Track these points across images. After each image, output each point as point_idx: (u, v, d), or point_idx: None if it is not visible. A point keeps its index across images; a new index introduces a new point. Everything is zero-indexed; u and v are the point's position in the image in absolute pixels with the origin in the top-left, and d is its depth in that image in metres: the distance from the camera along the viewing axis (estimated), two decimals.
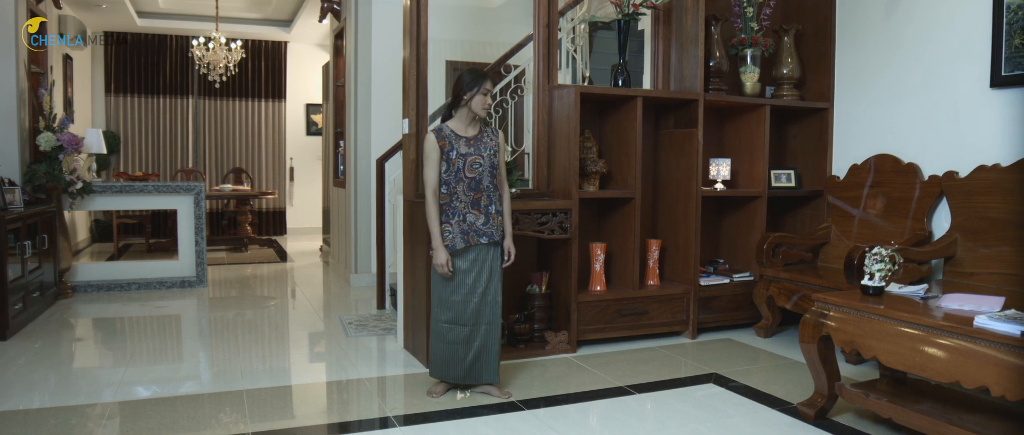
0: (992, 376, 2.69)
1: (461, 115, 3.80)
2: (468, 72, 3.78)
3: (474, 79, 3.73)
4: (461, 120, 3.80)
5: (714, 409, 3.68)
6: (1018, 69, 4.18)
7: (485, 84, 3.73)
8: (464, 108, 3.77)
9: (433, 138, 3.72)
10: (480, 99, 3.74)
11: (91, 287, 6.75)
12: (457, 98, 3.77)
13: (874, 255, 3.42)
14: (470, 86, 3.72)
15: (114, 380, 4.08)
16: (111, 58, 11.14)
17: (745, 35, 5.27)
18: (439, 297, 3.83)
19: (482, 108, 3.77)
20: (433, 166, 3.72)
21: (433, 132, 3.75)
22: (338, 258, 8.13)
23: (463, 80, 3.75)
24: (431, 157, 3.72)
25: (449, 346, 3.81)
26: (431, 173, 3.72)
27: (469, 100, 3.73)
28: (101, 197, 6.83)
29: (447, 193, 3.74)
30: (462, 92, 3.73)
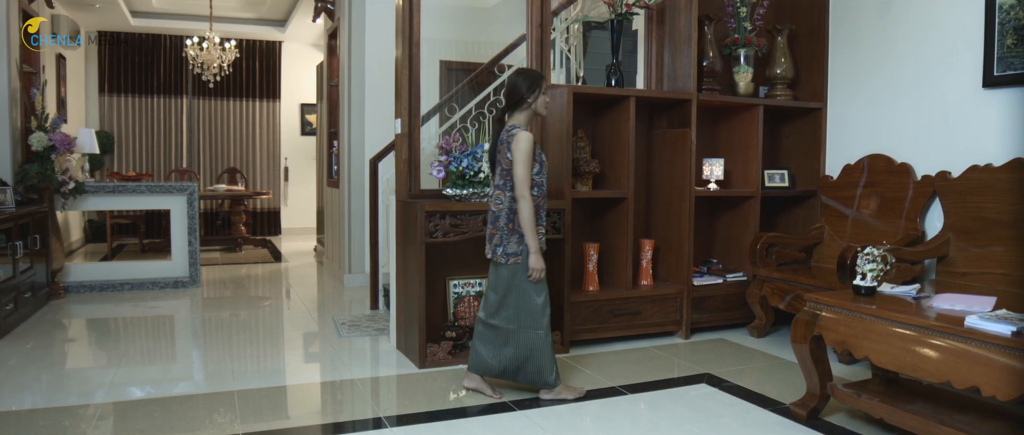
0: (983, 376, 2.69)
1: (524, 117, 3.74)
2: (522, 74, 3.75)
3: (535, 80, 3.71)
4: (526, 121, 3.75)
5: (706, 409, 3.68)
6: (1010, 69, 4.18)
7: (544, 83, 3.75)
8: (528, 110, 3.73)
9: (531, 137, 3.62)
10: (543, 99, 3.75)
11: (84, 287, 6.73)
12: (520, 100, 3.70)
13: (866, 255, 3.42)
14: (533, 87, 3.69)
15: (106, 381, 4.07)
16: (105, 58, 11.11)
17: (738, 35, 5.28)
18: (539, 306, 3.73)
19: (544, 107, 3.78)
20: (530, 166, 3.60)
21: (527, 131, 3.65)
22: (332, 258, 8.12)
23: (523, 82, 3.69)
24: (531, 154, 3.60)
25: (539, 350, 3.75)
26: (529, 173, 3.60)
27: (534, 101, 3.71)
28: (94, 197, 6.81)
29: (539, 195, 3.70)
30: (526, 94, 3.68)
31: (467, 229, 4.33)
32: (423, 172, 4.65)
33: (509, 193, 3.66)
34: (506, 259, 3.68)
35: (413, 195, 4.57)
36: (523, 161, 3.56)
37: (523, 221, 3.61)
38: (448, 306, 4.69)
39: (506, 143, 3.66)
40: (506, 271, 3.71)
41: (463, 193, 4.37)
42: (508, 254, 3.68)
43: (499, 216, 3.71)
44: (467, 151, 4.37)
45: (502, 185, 3.70)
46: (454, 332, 4.45)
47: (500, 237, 3.71)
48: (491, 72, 5.99)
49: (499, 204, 3.71)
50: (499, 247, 3.71)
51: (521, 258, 3.67)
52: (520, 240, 3.66)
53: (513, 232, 3.67)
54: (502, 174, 3.70)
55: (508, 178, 3.66)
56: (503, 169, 3.69)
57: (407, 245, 4.49)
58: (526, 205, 3.58)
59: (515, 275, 3.70)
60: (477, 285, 4.75)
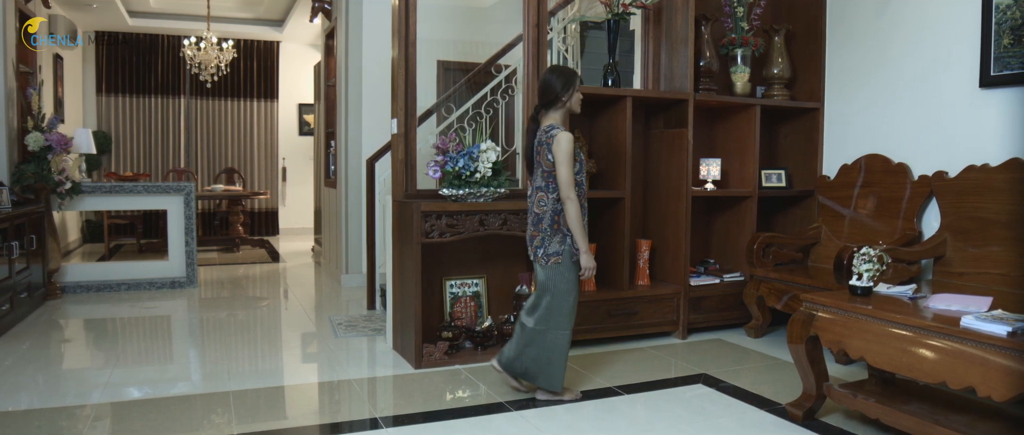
0: (978, 376, 2.69)
1: (560, 115, 3.73)
2: (555, 72, 3.73)
3: (569, 77, 3.69)
4: (561, 120, 3.75)
5: (702, 410, 3.67)
6: (1007, 69, 4.18)
7: (578, 80, 3.73)
8: (562, 108, 3.72)
9: (571, 137, 3.59)
10: (577, 96, 3.74)
11: (80, 288, 6.72)
12: (555, 98, 3.68)
13: (862, 255, 3.42)
14: (567, 85, 3.68)
15: (102, 381, 4.06)
16: (102, 58, 11.10)
17: (735, 35, 5.27)
18: (570, 307, 3.69)
19: (579, 105, 3.77)
20: (573, 166, 3.58)
21: (567, 130, 3.63)
22: (329, 258, 8.11)
23: (557, 80, 3.68)
24: (573, 155, 3.58)
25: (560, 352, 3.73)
26: (572, 173, 3.57)
27: (569, 99, 3.70)
28: (90, 197, 6.81)
29: (581, 195, 3.66)
30: (561, 93, 3.67)
31: (463, 229, 4.33)
32: (420, 172, 4.64)
33: (553, 194, 3.62)
34: (547, 260, 3.65)
35: (409, 195, 4.56)
36: (566, 162, 3.54)
37: (570, 221, 3.58)
38: (444, 306, 4.68)
39: (546, 144, 3.62)
40: (546, 271, 3.68)
41: (459, 193, 4.36)
42: (549, 254, 3.64)
43: (542, 217, 3.66)
44: (463, 151, 4.36)
45: (544, 187, 3.66)
46: (450, 333, 4.45)
47: (542, 238, 3.66)
48: (488, 72, 5.98)
49: (542, 205, 3.67)
50: (540, 248, 3.67)
51: (562, 258, 3.62)
52: (562, 240, 3.62)
53: (557, 233, 3.63)
54: (543, 175, 3.66)
55: (550, 179, 3.62)
56: (544, 170, 3.65)
57: (403, 245, 4.48)
58: (573, 206, 3.56)
59: (553, 275, 3.66)
60: (473, 285, 4.75)
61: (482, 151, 4.35)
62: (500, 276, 4.84)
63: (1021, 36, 4.11)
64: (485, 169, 4.34)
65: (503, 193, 4.51)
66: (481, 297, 4.78)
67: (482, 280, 4.79)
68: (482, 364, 4.41)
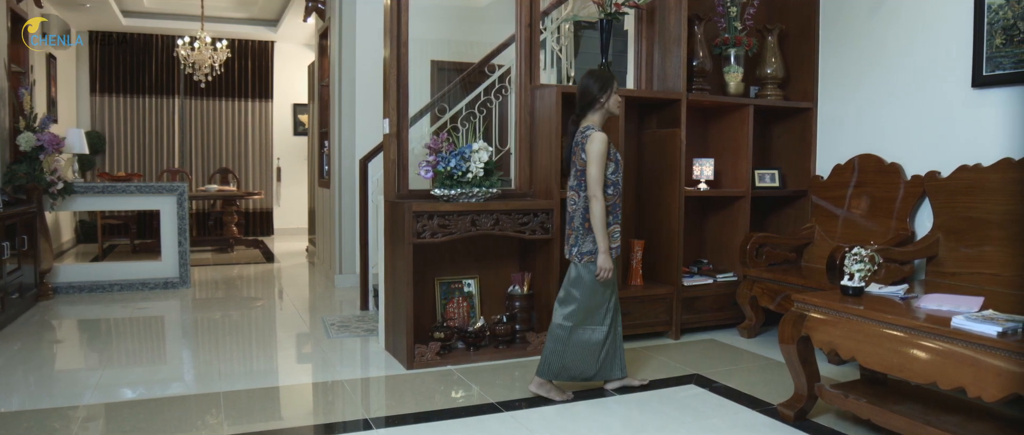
0: (968, 377, 2.68)
1: (598, 117, 3.78)
2: (592, 76, 3.79)
3: (606, 80, 3.75)
4: (599, 122, 3.79)
5: (694, 410, 3.67)
6: (999, 69, 4.18)
7: (615, 83, 3.79)
8: (601, 110, 3.77)
9: (606, 137, 3.66)
10: (616, 98, 3.79)
11: (73, 288, 6.70)
12: (592, 101, 3.75)
13: (853, 255, 3.42)
14: (605, 88, 3.74)
15: (95, 382, 4.04)
16: (96, 57, 11.07)
17: (729, 35, 5.27)
18: (590, 306, 3.75)
19: (617, 106, 3.82)
20: (603, 165, 3.65)
21: (601, 131, 3.69)
22: (323, 259, 8.10)
23: (594, 84, 3.74)
24: (605, 155, 3.64)
25: (586, 348, 3.79)
26: (602, 173, 3.64)
27: (606, 101, 3.75)
28: (83, 198, 6.78)
29: (615, 194, 3.74)
30: (598, 95, 3.74)
31: (455, 229, 4.32)
32: (412, 172, 4.63)
33: (584, 193, 3.70)
34: (581, 258, 3.72)
35: (401, 195, 4.55)
36: (596, 161, 3.61)
37: (593, 220, 3.64)
38: (437, 307, 4.67)
39: (581, 144, 3.70)
40: (578, 270, 3.75)
41: (451, 193, 4.35)
42: (583, 253, 3.72)
43: (574, 216, 3.76)
44: (455, 151, 4.35)
45: (576, 186, 3.74)
46: (442, 333, 4.43)
47: (576, 237, 3.75)
48: (482, 72, 5.97)
49: (574, 204, 3.76)
50: (574, 247, 3.75)
51: (594, 257, 3.69)
52: (612, 235, 3.72)
53: (589, 231, 3.70)
54: (577, 175, 3.74)
55: (583, 178, 3.70)
56: (578, 170, 3.73)
57: (395, 246, 4.47)
58: (597, 205, 3.62)
59: (587, 274, 3.72)
60: (466, 286, 4.74)
61: (474, 151, 4.34)
62: (493, 276, 4.83)
63: (1013, 36, 4.11)
64: (477, 169, 4.33)
65: (495, 193, 4.50)
66: (474, 297, 4.77)
67: (475, 280, 4.78)
68: (474, 365, 4.40)
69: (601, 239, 3.64)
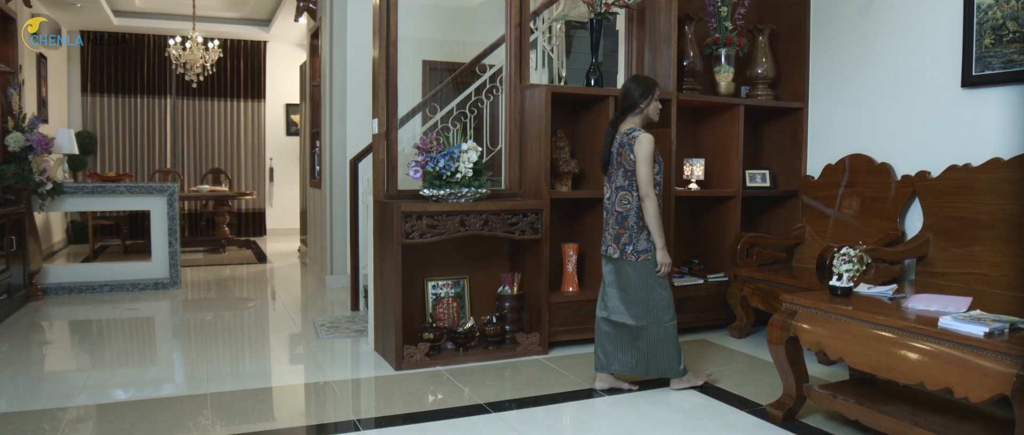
0: (955, 377, 2.67)
1: (638, 121, 3.87)
2: (635, 80, 3.88)
3: (648, 86, 3.85)
4: (639, 126, 3.86)
5: (683, 411, 3.65)
6: (988, 69, 4.18)
7: (657, 90, 3.89)
8: (640, 114, 3.86)
9: (652, 138, 3.76)
10: (655, 104, 3.88)
11: (62, 289, 6.66)
12: (633, 105, 3.84)
13: (842, 255, 3.41)
14: (646, 94, 3.84)
15: (84, 384, 4.01)
16: (87, 57, 11.02)
17: (719, 35, 5.26)
18: (666, 299, 3.85)
19: (656, 113, 3.91)
20: (652, 165, 3.75)
21: (646, 131, 3.80)
22: (314, 259, 8.07)
23: (636, 88, 3.83)
24: (653, 155, 3.75)
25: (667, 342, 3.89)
26: (652, 173, 3.74)
27: (646, 107, 3.85)
28: (72, 198, 6.75)
29: (660, 195, 3.83)
30: (639, 100, 3.83)
31: (444, 230, 4.30)
32: (401, 173, 4.61)
33: (635, 193, 3.79)
34: (636, 257, 3.80)
35: (390, 196, 4.53)
36: (646, 162, 3.72)
37: (649, 219, 3.74)
38: (427, 308, 4.66)
39: (628, 146, 3.79)
40: (634, 268, 3.83)
41: (440, 193, 4.33)
42: (638, 251, 3.80)
43: (627, 216, 3.82)
44: (444, 151, 4.33)
45: (626, 186, 3.82)
46: (432, 334, 4.41)
47: (629, 236, 3.81)
48: (473, 72, 5.95)
49: (626, 204, 3.82)
50: (628, 246, 3.82)
51: (651, 254, 3.79)
52: (648, 237, 3.78)
53: (643, 230, 3.79)
54: (625, 175, 3.81)
55: (633, 178, 3.78)
56: (626, 170, 3.80)
57: (384, 246, 4.45)
58: (652, 204, 3.73)
59: (644, 271, 3.81)
60: (456, 286, 4.73)
61: (463, 151, 4.32)
62: (482, 276, 4.82)
63: (1002, 36, 4.11)
64: (466, 169, 4.31)
65: (485, 193, 4.48)
66: (463, 298, 4.76)
67: (464, 281, 4.77)
68: (464, 365, 4.38)
69: (658, 236, 3.76)
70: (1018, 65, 4.04)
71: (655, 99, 3.86)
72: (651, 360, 3.88)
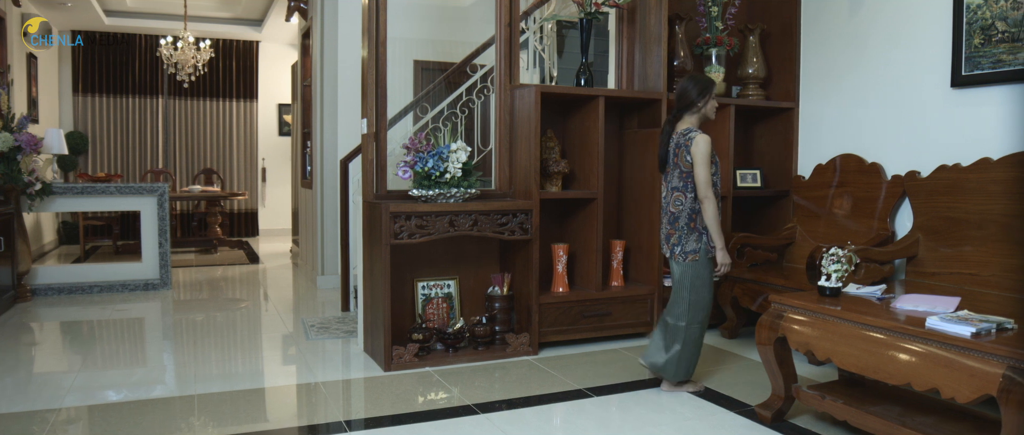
0: (942, 378, 2.67)
1: (694, 120, 3.88)
2: (692, 80, 3.88)
3: (705, 86, 3.85)
4: (696, 125, 3.88)
5: (672, 412, 3.64)
6: (977, 69, 4.18)
7: (714, 88, 3.88)
8: (697, 114, 3.87)
9: (709, 139, 3.77)
10: (712, 104, 3.89)
11: (52, 290, 6.63)
12: (690, 104, 3.85)
13: (830, 256, 3.40)
14: (703, 93, 3.84)
15: (72, 385, 3.99)
16: (79, 57, 10.97)
17: (710, 34, 5.25)
18: (705, 300, 3.86)
19: (713, 112, 3.93)
20: (710, 166, 3.75)
21: (703, 132, 3.79)
22: (306, 260, 8.05)
23: (693, 88, 3.83)
24: (710, 157, 3.75)
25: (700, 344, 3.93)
26: (709, 174, 3.75)
27: (703, 106, 3.85)
28: (62, 199, 6.71)
29: (716, 195, 3.80)
30: (696, 99, 3.84)
31: (433, 230, 4.28)
32: (391, 173, 4.60)
33: (690, 194, 3.79)
34: (685, 257, 3.81)
35: (379, 196, 4.51)
36: (703, 163, 3.72)
37: (708, 219, 3.75)
38: (416, 308, 4.64)
39: (685, 146, 3.78)
40: (681, 268, 3.84)
41: (429, 194, 4.32)
42: (687, 252, 3.81)
43: (678, 217, 3.84)
44: (433, 151, 4.32)
45: (681, 187, 3.82)
46: (421, 334, 4.39)
47: (679, 236, 3.83)
48: (464, 71, 5.94)
49: (679, 205, 3.84)
50: (677, 246, 3.84)
51: (699, 255, 3.79)
52: (698, 238, 3.79)
53: (693, 230, 3.79)
54: (680, 176, 3.82)
55: (688, 179, 3.79)
56: (682, 171, 3.81)
57: (373, 246, 4.43)
58: (710, 205, 3.73)
59: (690, 271, 3.82)
60: (445, 287, 4.71)
61: (452, 151, 4.31)
62: (472, 277, 4.81)
63: (991, 36, 4.11)
64: (455, 169, 4.30)
65: (474, 194, 4.47)
66: (453, 298, 4.74)
67: (454, 281, 4.75)
68: (453, 366, 4.37)
69: (717, 237, 3.77)
70: (1007, 65, 4.04)
71: (712, 97, 3.86)
72: (678, 361, 3.89)
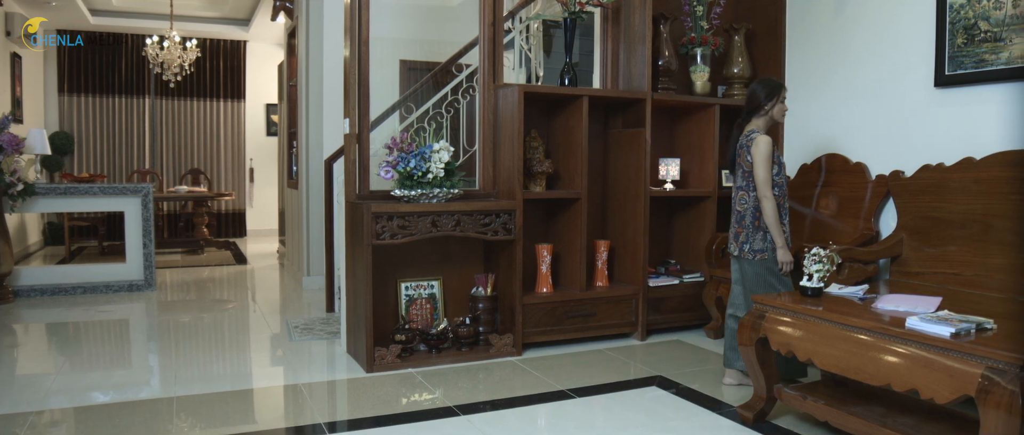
0: (921, 378, 2.65)
1: (763, 123, 3.96)
2: (762, 83, 3.96)
3: (773, 89, 3.92)
4: (764, 127, 3.96)
5: (654, 413, 3.63)
6: (961, 69, 4.17)
7: (783, 91, 3.94)
8: (765, 116, 3.95)
9: (770, 140, 3.84)
10: (780, 106, 3.96)
11: (34, 291, 6.57)
12: (758, 107, 3.93)
13: (812, 256, 3.39)
14: (771, 96, 3.91)
15: (53, 387, 3.94)
16: (64, 56, 10.89)
17: (695, 34, 5.24)
18: None
19: (782, 115, 4.00)
20: (770, 166, 3.82)
21: (765, 134, 3.87)
22: (292, 260, 8.01)
23: (762, 91, 3.92)
24: (770, 157, 3.82)
25: None
26: (769, 174, 3.81)
27: (771, 109, 3.92)
28: (44, 199, 6.65)
29: (780, 196, 3.89)
30: (764, 102, 3.92)
31: (416, 230, 4.26)
32: (374, 173, 4.57)
33: (753, 193, 3.89)
34: (753, 255, 3.90)
35: (362, 196, 4.48)
36: (763, 163, 3.80)
37: (768, 219, 3.82)
38: (400, 309, 4.61)
39: (746, 147, 3.89)
40: (751, 266, 3.92)
41: (412, 194, 4.29)
42: (754, 251, 3.91)
43: (744, 215, 3.95)
44: (415, 151, 4.29)
45: (744, 186, 3.94)
46: (403, 335, 4.36)
47: (746, 234, 3.93)
48: (450, 71, 5.91)
49: (743, 204, 3.96)
50: (745, 244, 3.93)
51: (767, 254, 3.87)
52: (764, 237, 3.87)
53: (758, 230, 3.88)
54: (743, 175, 3.94)
55: (750, 179, 3.89)
56: (744, 171, 3.92)
57: (355, 247, 4.40)
58: (769, 204, 3.80)
59: (759, 270, 3.90)
60: (429, 287, 4.68)
61: (434, 151, 4.28)
62: (456, 278, 4.78)
63: (974, 35, 4.10)
64: (437, 169, 4.27)
65: (457, 194, 4.44)
66: (437, 299, 4.71)
67: (438, 282, 4.73)
68: (436, 367, 4.34)
69: (777, 235, 3.83)
70: (990, 64, 4.03)
71: (780, 100, 3.92)
72: None
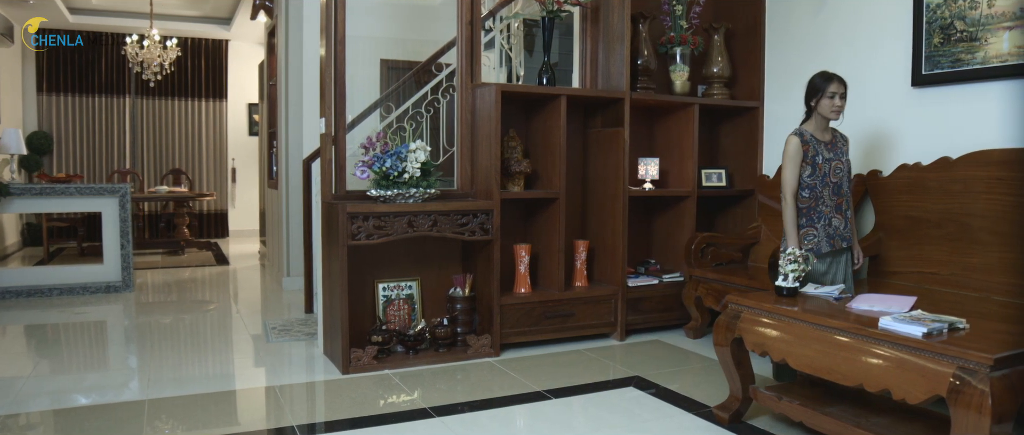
0: (893, 378, 2.65)
1: (813, 122, 3.83)
2: (818, 75, 3.80)
3: (822, 82, 3.76)
4: (816, 124, 3.82)
5: (630, 414, 3.61)
6: (937, 68, 4.18)
7: (830, 86, 3.73)
8: (814, 115, 3.82)
9: (797, 141, 3.75)
10: (827, 102, 3.75)
11: (9, 293, 6.49)
12: (807, 107, 3.82)
13: (787, 256, 3.38)
14: (812, 93, 3.78)
15: (25, 389, 3.89)
16: (43, 55, 10.77)
17: (674, 33, 5.23)
18: None
19: (830, 111, 3.76)
20: (795, 168, 3.75)
21: (796, 134, 3.78)
22: (273, 261, 7.95)
23: (807, 89, 3.81)
24: (795, 159, 3.74)
25: None
26: (792, 175, 3.75)
27: (816, 104, 3.78)
28: (20, 200, 6.57)
29: (812, 197, 3.78)
30: (807, 100, 3.81)
31: (392, 231, 4.23)
32: (350, 173, 4.53)
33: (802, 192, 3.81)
34: None
35: (338, 196, 4.45)
36: (786, 163, 3.76)
37: (784, 221, 3.80)
38: (377, 310, 4.58)
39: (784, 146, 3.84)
40: None
41: (388, 194, 4.26)
42: None
43: None
44: (391, 151, 4.26)
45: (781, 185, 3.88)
46: (380, 336, 4.33)
47: None
48: (430, 71, 5.88)
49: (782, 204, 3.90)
50: None
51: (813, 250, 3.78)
52: (806, 237, 3.78)
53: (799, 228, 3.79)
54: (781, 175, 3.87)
55: None
56: None
57: (331, 247, 4.37)
58: (786, 207, 3.77)
59: None
60: (407, 288, 4.65)
61: (410, 151, 4.25)
62: (434, 278, 4.75)
63: (950, 35, 4.11)
64: (413, 169, 4.24)
65: (434, 194, 4.41)
66: (414, 300, 4.68)
67: (416, 282, 4.69)
68: (413, 369, 4.31)
69: (791, 238, 3.76)
70: (966, 64, 4.04)
71: (825, 95, 3.72)
72: None
